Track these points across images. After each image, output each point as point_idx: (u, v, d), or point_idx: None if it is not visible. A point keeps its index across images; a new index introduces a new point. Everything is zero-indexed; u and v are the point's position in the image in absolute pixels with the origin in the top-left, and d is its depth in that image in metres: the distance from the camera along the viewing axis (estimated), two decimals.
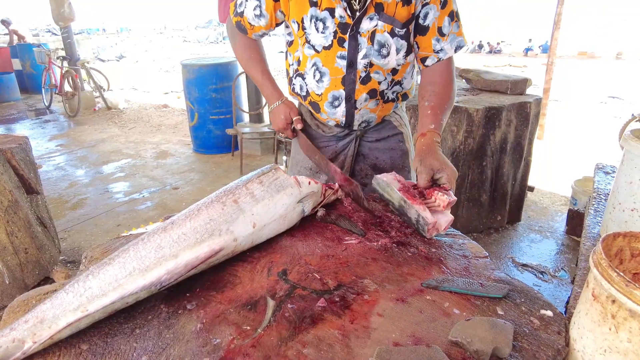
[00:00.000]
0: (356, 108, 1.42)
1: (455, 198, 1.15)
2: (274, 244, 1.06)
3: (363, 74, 1.36)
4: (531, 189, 3.75)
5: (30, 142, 2.55)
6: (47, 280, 2.54)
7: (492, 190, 3.24)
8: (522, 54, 14.58)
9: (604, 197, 1.50)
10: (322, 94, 1.41)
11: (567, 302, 1.02)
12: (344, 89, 1.38)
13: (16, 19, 9.79)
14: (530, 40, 14.95)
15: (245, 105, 5.27)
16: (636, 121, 2.96)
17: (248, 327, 0.77)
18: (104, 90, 7.86)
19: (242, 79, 5.15)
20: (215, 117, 5.12)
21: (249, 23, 1.42)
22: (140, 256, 0.83)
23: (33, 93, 8.97)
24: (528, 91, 3.36)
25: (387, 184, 1.19)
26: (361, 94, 1.39)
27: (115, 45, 18.55)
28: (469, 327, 0.75)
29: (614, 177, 1.37)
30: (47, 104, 7.84)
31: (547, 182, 4.24)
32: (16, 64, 8.99)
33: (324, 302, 0.83)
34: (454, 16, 1.35)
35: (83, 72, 7.72)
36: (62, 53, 7.88)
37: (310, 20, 1.31)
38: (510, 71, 9.89)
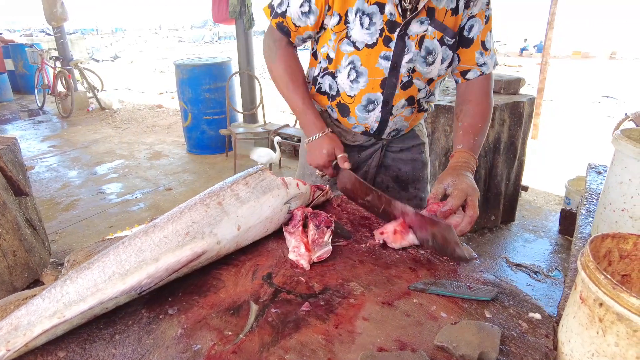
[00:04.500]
0: (392, 114, 1.34)
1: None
2: (260, 246, 1.04)
3: (405, 79, 1.28)
4: (525, 188, 3.76)
5: (23, 143, 2.53)
6: (37, 282, 2.51)
7: (486, 190, 3.23)
8: (517, 53, 14.63)
9: (595, 197, 1.49)
10: (355, 95, 1.32)
11: (560, 304, 1.00)
12: (382, 93, 1.30)
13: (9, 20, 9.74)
14: (525, 40, 15.01)
15: (239, 106, 5.25)
16: (629, 120, 2.96)
17: (230, 333, 0.75)
18: (98, 90, 7.82)
19: (236, 79, 5.13)
20: (209, 118, 5.10)
21: (294, 24, 1.28)
22: (120, 260, 0.81)
23: (26, 93, 8.92)
24: (522, 91, 3.36)
25: None
26: (400, 100, 1.31)
27: (109, 45, 18.49)
28: (455, 331, 0.73)
29: (605, 177, 1.36)
30: (40, 105, 7.79)
31: (540, 182, 4.24)
32: (9, 64, 8.92)
33: (308, 306, 0.81)
34: (491, 33, 1.32)
35: (76, 73, 7.67)
36: (55, 53, 7.83)
37: (356, 14, 1.21)
38: (505, 71, 9.92)
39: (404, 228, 1.04)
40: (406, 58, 1.25)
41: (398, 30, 1.21)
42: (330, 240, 1.00)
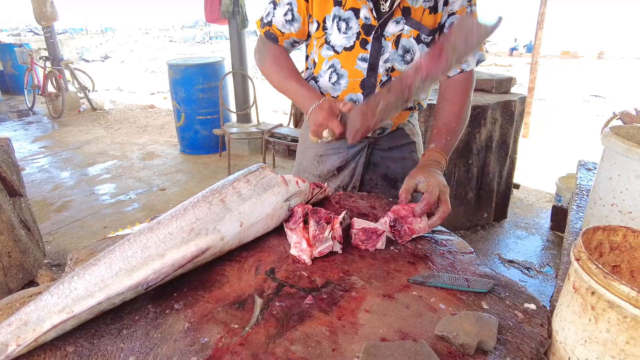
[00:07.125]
0: None
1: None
2: (261, 243, 1.06)
3: (384, 78, 1.32)
4: (517, 186, 3.81)
5: (13, 144, 2.51)
6: (32, 284, 2.50)
7: (478, 187, 3.28)
8: (507, 53, 14.78)
9: (586, 193, 1.53)
10: (337, 96, 1.37)
11: (552, 297, 1.04)
12: (363, 93, 1.34)
13: None
14: (515, 39, 15.16)
15: (232, 105, 5.25)
16: (617, 119, 3.03)
17: (236, 326, 0.77)
18: (89, 90, 7.76)
19: (229, 79, 5.13)
20: (202, 118, 5.09)
21: (279, 30, 1.36)
22: (126, 256, 0.82)
23: (15, 94, 8.82)
24: (513, 90, 3.41)
25: None
26: None
27: (99, 45, 18.31)
28: (454, 321, 0.76)
29: (595, 173, 1.40)
30: (29, 105, 7.71)
31: (532, 180, 4.31)
32: None
33: (311, 300, 0.83)
34: None
35: (67, 73, 7.60)
36: (45, 53, 7.76)
37: (333, 20, 1.27)
38: (496, 70, 10.01)
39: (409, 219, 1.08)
40: (383, 58, 1.29)
41: (373, 32, 1.26)
42: (330, 236, 1.03)
